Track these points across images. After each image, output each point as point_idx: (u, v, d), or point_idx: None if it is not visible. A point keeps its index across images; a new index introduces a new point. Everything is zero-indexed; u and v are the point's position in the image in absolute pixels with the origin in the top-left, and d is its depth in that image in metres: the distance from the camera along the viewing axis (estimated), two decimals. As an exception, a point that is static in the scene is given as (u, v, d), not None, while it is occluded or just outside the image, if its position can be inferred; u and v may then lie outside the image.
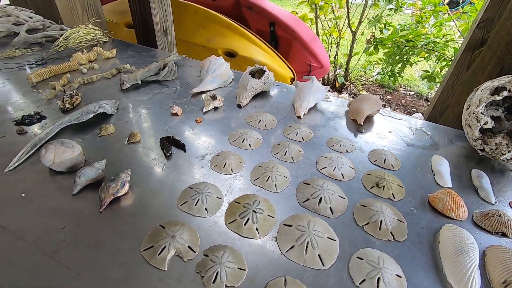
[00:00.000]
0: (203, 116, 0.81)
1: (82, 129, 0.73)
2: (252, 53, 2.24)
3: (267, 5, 2.56)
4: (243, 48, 2.28)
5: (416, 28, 2.66)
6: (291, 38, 2.43)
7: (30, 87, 0.89)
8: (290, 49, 2.48)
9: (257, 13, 2.55)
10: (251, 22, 2.61)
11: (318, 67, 2.47)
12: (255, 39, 2.29)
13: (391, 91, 3.42)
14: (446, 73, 2.14)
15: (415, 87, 3.56)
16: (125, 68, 1.00)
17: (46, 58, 1.02)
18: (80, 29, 1.12)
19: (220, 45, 2.30)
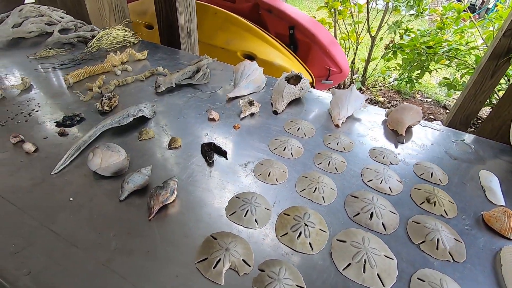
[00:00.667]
0: (240, 122, 0.80)
1: (121, 132, 0.73)
2: (271, 57, 2.23)
3: (287, 8, 2.55)
4: (262, 51, 2.27)
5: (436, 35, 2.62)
6: (311, 42, 2.42)
7: (67, 87, 0.89)
8: (309, 53, 2.47)
9: (276, 16, 2.54)
10: (270, 25, 2.61)
11: (337, 72, 2.45)
12: (274, 42, 2.29)
13: (408, 97, 3.37)
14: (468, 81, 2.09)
15: (432, 94, 3.51)
16: (158, 70, 0.99)
17: (80, 59, 1.02)
18: (112, 30, 1.13)
19: (239, 47, 2.29)
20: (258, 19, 2.64)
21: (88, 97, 0.83)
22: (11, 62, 1.01)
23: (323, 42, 2.37)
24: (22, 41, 1.16)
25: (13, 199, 0.54)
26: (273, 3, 2.58)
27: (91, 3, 1.42)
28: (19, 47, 1.12)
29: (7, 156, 0.63)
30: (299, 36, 2.47)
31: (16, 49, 1.10)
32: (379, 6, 2.83)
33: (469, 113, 2.17)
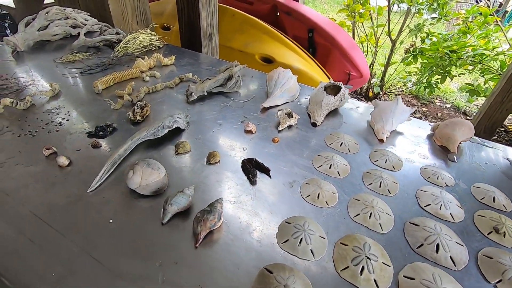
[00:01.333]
0: (278, 134, 0.76)
1: (155, 144, 0.69)
2: (290, 60, 2.18)
3: (306, 11, 2.50)
4: (281, 54, 2.22)
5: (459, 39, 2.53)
6: (330, 46, 2.36)
7: (96, 94, 0.86)
8: (328, 57, 2.41)
9: (295, 19, 2.49)
10: (288, 27, 2.56)
11: (357, 77, 2.38)
12: (293, 46, 2.24)
13: (426, 102, 3.28)
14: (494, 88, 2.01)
15: (451, 99, 3.41)
16: (187, 77, 0.96)
17: (107, 64, 0.99)
18: (139, 34, 1.09)
19: (258, 50, 2.25)
20: (275, 21, 2.60)
21: (118, 105, 0.79)
22: (38, 67, 0.98)
23: (343, 46, 2.31)
24: (47, 44, 1.13)
25: (50, 220, 0.50)
26: (292, 5, 2.54)
27: (114, 6, 1.39)
28: (44, 50, 1.09)
29: (41, 169, 0.60)
30: (319, 39, 2.42)
31: (41, 52, 1.08)
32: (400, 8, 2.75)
33: (494, 121, 2.07)
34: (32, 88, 0.86)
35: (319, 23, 2.40)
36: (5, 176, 0.58)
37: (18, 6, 2.53)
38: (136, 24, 1.55)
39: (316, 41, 2.44)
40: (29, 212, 0.51)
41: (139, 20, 1.55)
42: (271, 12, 2.68)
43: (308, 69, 2.15)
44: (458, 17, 2.70)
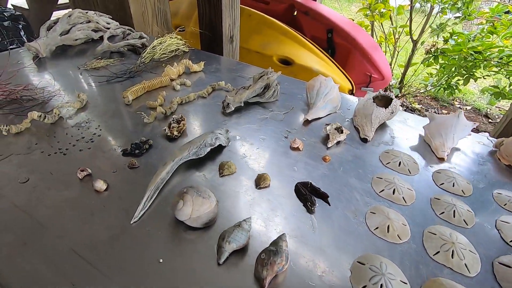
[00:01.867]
0: (326, 151, 0.69)
1: (196, 164, 0.62)
2: (309, 62, 2.11)
3: (325, 10, 2.41)
4: (300, 56, 2.14)
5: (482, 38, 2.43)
6: (350, 47, 2.27)
7: (125, 105, 0.80)
8: (348, 58, 2.33)
9: (313, 19, 2.41)
10: (306, 28, 2.48)
11: (379, 79, 2.30)
12: (311, 47, 2.16)
13: (446, 105, 3.18)
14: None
15: (471, 101, 3.30)
16: (220, 85, 0.89)
17: (134, 71, 0.93)
18: (166, 38, 1.03)
19: (276, 52, 2.18)
20: (292, 21, 2.52)
21: (152, 118, 0.73)
22: (62, 74, 0.92)
23: (364, 47, 2.22)
24: (68, 49, 1.08)
25: (92, 259, 0.44)
26: (310, 4, 2.45)
27: (135, 7, 1.33)
28: (66, 56, 1.04)
29: (76, 194, 0.54)
30: (338, 40, 2.33)
31: (63, 58, 1.02)
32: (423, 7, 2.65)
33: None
34: (58, 98, 0.80)
35: (338, 23, 2.31)
36: (38, 202, 0.52)
37: (31, 7, 2.49)
38: (156, 26, 1.49)
39: (335, 41, 2.35)
40: (69, 248, 0.45)
41: (159, 22, 1.49)
42: (288, 11, 2.60)
43: (328, 71, 2.08)
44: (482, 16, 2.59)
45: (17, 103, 0.76)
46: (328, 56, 2.16)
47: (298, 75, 2.13)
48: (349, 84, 2.10)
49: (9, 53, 1.01)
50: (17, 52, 1.05)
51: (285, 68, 2.11)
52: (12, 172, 0.57)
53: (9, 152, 0.62)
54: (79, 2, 1.95)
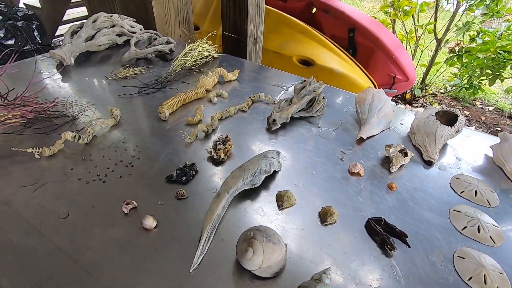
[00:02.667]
0: (389, 176, 0.62)
1: (249, 193, 0.56)
2: (331, 63, 2.02)
3: (346, 8, 2.32)
4: (321, 56, 2.06)
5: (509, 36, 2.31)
6: (373, 46, 2.18)
7: (161, 121, 0.73)
8: (370, 58, 2.24)
9: (334, 17, 2.32)
10: (325, 26, 2.39)
11: (403, 80, 2.20)
12: (332, 46, 2.07)
13: (467, 105, 3.07)
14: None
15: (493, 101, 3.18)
16: (259, 97, 0.82)
17: (165, 81, 0.86)
18: (198, 44, 0.96)
19: (295, 52, 2.10)
20: (311, 19, 2.43)
21: (193, 137, 0.67)
22: (89, 85, 0.86)
23: (388, 47, 2.13)
24: (92, 56, 1.02)
25: (152, 318, 0.38)
26: (331, 2, 2.36)
27: (159, 9, 1.26)
28: (90, 63, 0.97)
29: (123, 233, 0.48)
30: (360, 40, 2.24)
31: (88, 65, 0.96)
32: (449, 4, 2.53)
33: None
34: (89, 113, 0.74)
35: (361, 22, 2.22)
36: (83, 244, 0.46)
37: (44, 6, 2.43)
38: (178, 28, 1.42)
39: (357, 41, 2.26)
40: (125, 306, 0.39)
41: (182, 24, 1.42)
42: (306, 9, 2.51)
43: (350, 73, 1.99)
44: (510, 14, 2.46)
45: (47, 120, 0.70)
46: (349, 56, 2.07)
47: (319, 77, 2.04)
48: (372, 86, 2.02)
49: (36, 62, 0.95)
50: (38, 60, 0.99)
51: (306, 69, 2.03)
52: (50, 204, 0.52)
53: (44, 179, 0.56)
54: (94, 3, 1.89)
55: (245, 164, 0.57)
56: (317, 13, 2.44)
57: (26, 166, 0.58)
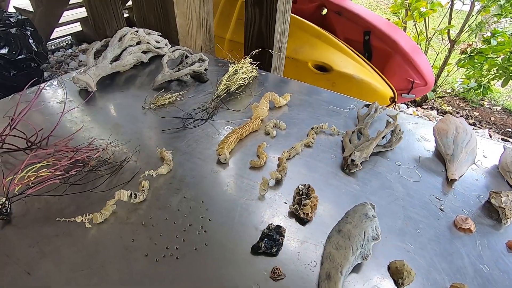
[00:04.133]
0: (499, 231, 0.53)
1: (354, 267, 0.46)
2: (349, 69, 1.94)
3: (361, 10, 2.23)
4: (338, 61, 1.98)
5: (521, 37, 2.28)
6: (390, 50, 2.11)
7: (221, 165, 0.62)
8: (387, 63, 2.16)
9: (348, 20, 2.23)
10: (338, 29, 2.30)
11: (422, 85, 2.14)
12: (348, 51, 1.99)
13: (476, 105, 3.05)
14: None
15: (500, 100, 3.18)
16: (323, 128, 0.72)
17: (212, 110, 0.75)
18: (242, 64, 0.85)
19: (310, 57, 2.00)
20: (322, 22, 2.33)
21: (265, 187, 0.56)
22: (124, 118, 0.73)
23: (405, 50, 2.06)
24: (116, 77, 0.89)
25: None
26: (344, 3, 2.27)
27: (181, 19, 1.14)
28: (117, 87, 0.84)
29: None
30: (376, 43, 2.16)
31: (116, 91, 0.83)
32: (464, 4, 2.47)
33: None
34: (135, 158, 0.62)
35: (376, 24, 2.14)
36: None
37: (37, 10, 2.25)
38: (199, 39, 1.30)
39: (372, 44, 2.19)
40: None
41: (203, 34, 1.30)
42: (317, 11, 2.41)
43: (368, 78, 1.92)
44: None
45: (88, 171, 0.58)
46: (366, 60, 1.99)
47: (337, 84, 1.96)
48: (390, 91, 1.95)
49: (65, 93, 0.80)
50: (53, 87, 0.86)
51: (322, 76, 1.94)
52: (118, 298, 0.41)
53: (100, 258, 0.45)
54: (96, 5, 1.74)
55: (345, 226, 0.47)
56: (329, 15, 2.35)
57: (75, 240, 0.47)
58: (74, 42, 3.00)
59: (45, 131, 0.63)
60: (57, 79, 0.85)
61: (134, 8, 1.19)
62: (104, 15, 1.82)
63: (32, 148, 0.60)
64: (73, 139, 0.62)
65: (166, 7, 1.09)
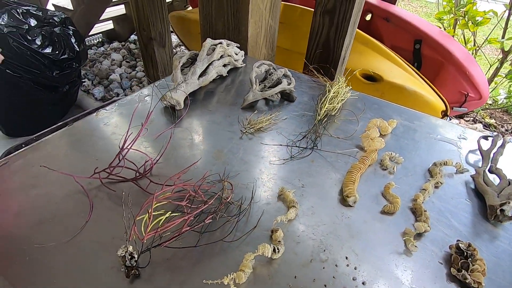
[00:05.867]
0: None
1: None
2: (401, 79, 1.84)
3: (412, 17, 2.12)
4: (388, 71, 1.88)
5: None
6: (443, 60, 2.00)
7: (349, 207, 0.55)
8: (438, 74, 2.05)
9: (397, 27, 2.13)
10: (385, 36, 2.20)
11: (476, 98, 2.03)
12: (398, 60, 1.89)
13: (520, 118, 2.90)
14: None
15: (541, 112, 3.01)
16: (447, 164, 0.64)
17: (315, 136, 0.68)
18: (342, 85, 0.77)
19: (358, 65, 1.91)
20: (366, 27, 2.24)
21: (413, 242, 0.48)
22: (223, 144, 0.65)
23: (460, 61, 1.94)
24: (195, 93, 0.82)
25: None
26: (392, 9, 2.17)
27: (252, 28, 1.07)
28: (201, 105, 0.77)
29: None
30: (427, 52, 2.06)
31: (202, 110, 0.75)
32: None
33: None
34: (249, 195, 0.55)
35: (429, 33, 2.03)
36: None
37: (77, 9, 2.21)
38: (264, 48, 1.23)
39: (423, 53, 2.08)
40: None
41: (267, 43, 1.23)
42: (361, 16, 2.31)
43: (423, 91, 1.81)
44: None
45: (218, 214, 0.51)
46: (416, 70, 1.89)
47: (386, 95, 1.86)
48: (442, 104, 1.84)
49: (172, 114, 0.73)
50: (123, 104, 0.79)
51: (371, 86, 1.85)
52: None
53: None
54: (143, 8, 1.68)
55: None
56: (375, 21, 2.25)
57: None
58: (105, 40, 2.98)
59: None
60: (137, 94, 0.79)
61: (200, 16, 1.13)
62: (150, 17, 1.77)
63: (138, 178, 0.54)
64: (186, 172, 0.55)
65: (240, 16, 1.02)
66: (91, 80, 2.32)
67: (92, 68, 2.49)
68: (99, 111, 0.71)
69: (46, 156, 0.58)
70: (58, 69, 1.82)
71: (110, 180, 0.53)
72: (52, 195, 0.51)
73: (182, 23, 2.36)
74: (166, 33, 1.88)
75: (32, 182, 0.52)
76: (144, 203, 0.45)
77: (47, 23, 1.85)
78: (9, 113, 1.81)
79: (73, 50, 1.88)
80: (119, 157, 0.52)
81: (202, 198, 0.50)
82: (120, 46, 2.89)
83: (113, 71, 2.44)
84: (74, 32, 1.92)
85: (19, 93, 1.75)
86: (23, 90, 1.74)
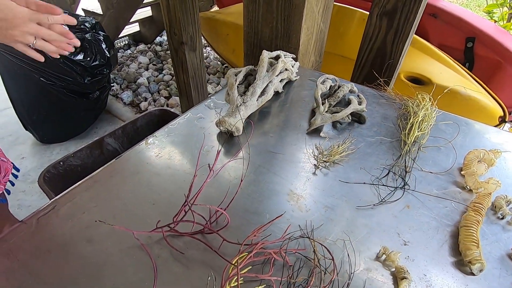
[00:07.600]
0: None
1: None
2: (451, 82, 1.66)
3: (463, 13, 1.92)
4: (438, 73, 1.70)
5: None
6: (500, 60, 1.79)
7: (469, 274, 0.43)
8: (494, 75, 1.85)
9: (446, 23, 1.93)
10: (432, 34, 2.00)
11: (538, 103, 1.81)
12: (448, 60, 1.71)
13: None
14: None
15: None
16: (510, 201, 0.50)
17: (404, 173, 0.56)
18: (426, 106, 0.64)
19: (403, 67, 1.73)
20: (408, 24, 2.04)
21: None
22: (296, 181, 0.55)
23: (521, 60, 1.74)
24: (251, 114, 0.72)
25: None
26: (441, 4, 1.97)
27: (304, 35, 0.95)
28: (257, 129, 0.67)
29: None
30: (481, 51, 1.85)
31: (260, 135, 0.65)
32: None
33: None
34: (341, 253, 0.44)
35: (483, 30, 1.83)
36: None
37: (106, 13, 2.17)
38: (313, 56, 1.11)
39: (476, 53, 1.88)
40: None
41: (316, 50, 1.11)
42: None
43: (478, 95, 1.63)
44: None
45: None
46: (468, 72, 1.70)
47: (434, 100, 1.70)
48: (499, 108, 1.65)
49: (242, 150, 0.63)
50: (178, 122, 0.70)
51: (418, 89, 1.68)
52: None
53: None
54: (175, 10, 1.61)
55: None
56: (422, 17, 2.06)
57: None
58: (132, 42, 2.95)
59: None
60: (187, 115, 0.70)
61: (244, 21, 1.02)
62: (182, 20, 1.69)
63: (206, 232, 0.44)
64: (265, 228, 0.45)
65: (291, 21, 0.90)
66: (120, 84, 2.29)
67: (120, 71, 2.46)
68: (147, 138, 0.62)
69: (95, 198, 0.51)
70: (90, 76, 1.79)
71: (172, 233, 0.45)
72: (108, 253, 0.43)
73: (209, 24, 2.28)
74: (197, 37, 1.80)
75: (86, 235, 0.45)
76: (224, 275, 0.36)
77: (78, 29, 1.80)
78: (43, 121, 1.80)
79: (104, 56, 1.83)
80: (184, 209, 0.43)
81: (288, 263, 0.40)
82: (146, 49, 2.85)
83: (141, 74, 2.39)
84: (104, 37, 1.88)
85: (52, 101, 1.74)
86: (56, 98, 1.73)
